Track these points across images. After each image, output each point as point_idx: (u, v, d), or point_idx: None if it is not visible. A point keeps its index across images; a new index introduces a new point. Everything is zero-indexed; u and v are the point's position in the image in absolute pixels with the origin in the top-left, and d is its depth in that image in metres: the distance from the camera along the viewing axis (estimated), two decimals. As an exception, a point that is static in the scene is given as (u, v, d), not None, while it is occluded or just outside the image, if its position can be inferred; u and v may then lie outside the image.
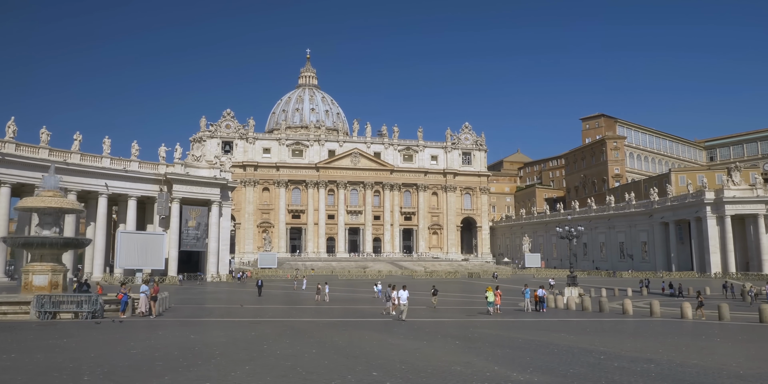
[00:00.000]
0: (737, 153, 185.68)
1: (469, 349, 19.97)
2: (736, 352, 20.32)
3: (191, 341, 21.92)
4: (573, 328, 30.37)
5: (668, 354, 19.06)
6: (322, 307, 47.59)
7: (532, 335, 25.13)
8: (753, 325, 35.83)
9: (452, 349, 20.20)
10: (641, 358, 17.71)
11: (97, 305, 32.15)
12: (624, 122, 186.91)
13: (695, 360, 17.59)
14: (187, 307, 43.96)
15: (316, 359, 17.13)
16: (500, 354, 18.79)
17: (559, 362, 16.86)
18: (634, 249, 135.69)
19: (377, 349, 19.91)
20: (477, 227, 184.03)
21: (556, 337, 24.60)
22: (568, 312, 48.16)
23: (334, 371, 15.02)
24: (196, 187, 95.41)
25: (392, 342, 22.19)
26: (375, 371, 14.95)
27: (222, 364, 16.18)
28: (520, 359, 17.54)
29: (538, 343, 21.92)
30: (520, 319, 37.68)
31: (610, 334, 27.31)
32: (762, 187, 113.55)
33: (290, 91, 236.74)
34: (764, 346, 22.78)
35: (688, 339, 25.44)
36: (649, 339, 24.98)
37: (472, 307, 49.13)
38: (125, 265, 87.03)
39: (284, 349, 19.63)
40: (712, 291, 75.26)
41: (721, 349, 21.37)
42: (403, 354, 18.51)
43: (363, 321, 34.99)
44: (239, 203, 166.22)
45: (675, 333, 28.94)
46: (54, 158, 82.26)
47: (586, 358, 17.74)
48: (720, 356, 19.00)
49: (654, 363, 16.78)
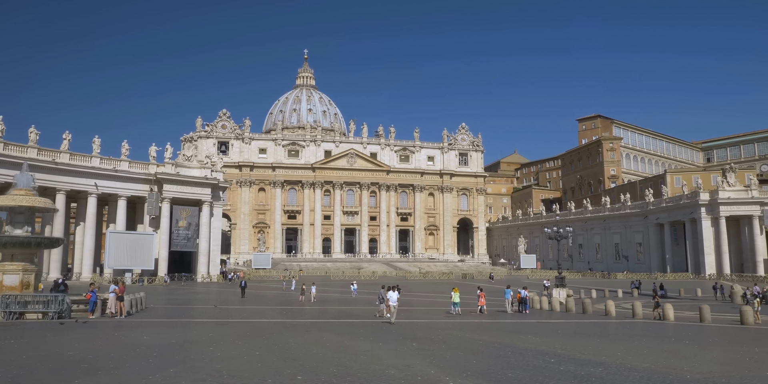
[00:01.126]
0: (734, 154, 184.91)
1: (421, 352, 19.54)
2: (698, 355, 19.83)
3: (140, 342, 21.53)
4: (544, 330, 29.91)
5: (625, 357, 18.60)
6: (304, 308, 47.15)
7: (495, 337, 24.69)
8: (733, 327, 35.37)
9: (404, 351, 19.77)
10: (593, 362, 17.25)
11: (63, 305, 31.74)
12: (620, 123, 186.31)
13: (648, 363, 17.11)
14: (165, 307, 43.55)
15: (251, 362, 16.73)
16: (448, 357, 18.35)
17: (504, 366, 16.42)
18: (630, 250, 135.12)
19: (325, 351, 19.49)
20: (473, 228, 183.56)
21: (521, 339, 24.16)
22: (551, 313, 47.67)
23: (259, 374, 14.64)
24: (187, 186, 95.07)
25: (348, 344, 21.78)
26: (301, 375, 14.54)
27: (149, 366, 15.82)
28: (465, 362, 17.10)
29: (495, 346, 21.47)
30: (495, 321, 37.22)
31: (579, 337, 26.84)
32: (757, 189, 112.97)
33: (288, 92, 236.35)
34: (731, 349, 22.26)
35: (658, 341, 24.95)
36: (616, 341, 24.51)
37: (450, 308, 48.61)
38: (114, 266, 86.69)
39: (228, 351, 19.23)
40: (703, 292, 74.80)
41: (684, 352, 20.88)
42: (348, 356, 18.10)
43: (336, 322, 34.54)
44: (235, 204, 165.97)
45: (648, 335, 28.47)
46: (43, 157, 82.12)
47: (534, 362, 17.29)
48: (678, 359, 18.51)
49: (603, 367, 16.32)
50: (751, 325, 36.13)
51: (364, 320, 35.82)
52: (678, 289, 77.08)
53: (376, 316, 37.04)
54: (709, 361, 18.38)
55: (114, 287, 34.78)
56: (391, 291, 35.82)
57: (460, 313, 41.27)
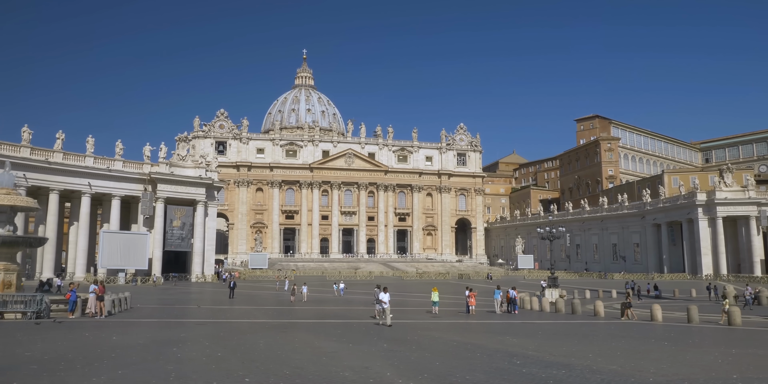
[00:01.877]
0: (733, 155, 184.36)
1: (388, 353, 19.25)
2: (671, 357, 19.48)
3: (106, 343, 21.28)
4: (525, 331, 29.61)
5: (595, 359, 18.28)
6: (292, 309, 46.89)
7: (472, 338, 24.39)
8: (720, 327, 35.07)
9: (371, 352, 19.47)
10: (559, 364, 16.93)
11: (42, 305, 31.50)
12: (619, 123, 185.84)
13: (616, 365, 16.79)
14: (151, 307, 43.30)
15: (207, 363, 16.49)
16: (413, 358, 18.04)
17: (466, 368, 16.11)
18: (627, 250, 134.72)
19: (290, 352, 19.20)
20: (472, 228, 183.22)
21: (497, 340, 23.87)
22: (540, 314, 47.38)
23: (208, 376, 14.37)
24: (181, 186, 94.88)
25: (317, 345, 21.50)
26: (251, 377, 14.26)
27: (100, 367, 15.56)
28: (428, 364, 16.81)
29: (467, 347, 21.16)
30: (481, 321, 36.92)
31: (558, 337, 26.52)
32: (754, 189, 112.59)
33: (286, 92, 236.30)
34: (708, 351, 21.91)
35: (636, 342, 24.62)
36: (594, 342, 24.18)
37: (440, 309, 48.32)
38: (108, 265, 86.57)
39: (191, 352, 18.97)
40: (698, 293, 74.52)
41: (658, 353, 20.54)
42: (311, 358, 17.80)
43: (318, 322, 34.23)
44: (233, 204, 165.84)
45: (630, 336, 28.15)
46: (36, 157, 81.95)
47: (499, 364, 16.98)
48: (649, 361, 18.17)
49: (568, 369, 16.00)
50: (738, 326, 35.78)
51: (348, 320, 35.53)
52: (673, 290, 76.94)
53: (375, 318, 35.48)
54: (680, 362, 18.05)
55: (94, 287, 34.50)
56: (382, 292, 34.44)
57: (437, 313, 41.20)
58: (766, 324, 36.98)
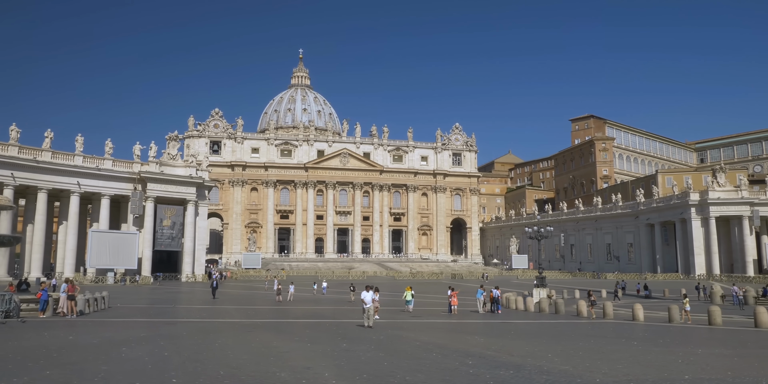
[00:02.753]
0: (727, 155, 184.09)
1: (341, 353, 18.89)
2: (632, 357, 19.08)
3: (58, 342, 20.86)
4: (497, 331, 29.31)
5: (552, 359, 17.93)
6: (273, 308, 46.59)
7: (438, 338, 24.04)
8: (699, 327, 34.79)
9: (323, 352, 19.10)
10: (512, 364, 16.58)
11: (11, 304, 31.13)
12: (613, 123, 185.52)
13: (569, 366, 16.44)
14: (129, 307, 42.96)
15: (147, 363, 16.11)
16: (363, 359, 17.67)
17: (411, 368, 15.72)
18: (621, 250, 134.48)
19: (241, 352, 18.81)
20: (467, 228, 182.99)
21: (463, 340, 23.53)
22: (524, 314, 47.13)
23: (136, 376, 14.00)
24: (172, 185, 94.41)
25: (274, 345, 21.12)
26: (179, 378, 13.90)
27: (34, 367, 15.16)
28: (375, 364, 16.44)
29: (428, 347, 20.80)
30: (459, 321, 36.60)
31: (527, 337, 26.20)
32: (747, 189, 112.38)
33: (282, 92, 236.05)
34: (675, 350, 21.54)
35: (604, 342, 24.31)
36: (562, 342, 23.80)
37: (423, 308, 48.09)
38: (96, 265, 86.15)
39: (139, 351, 18.62)
40: (688, 293, 74.08)
41: (621, 353, 20.20)
42: (257, 358, 17.41)
43: (291, 322, 33.91)
44: (227, 203, 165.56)
45: (602, 336, 27.87)
46: (24, 156, 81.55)
47: (450, 364, 16.61)
48: (606, 361, 17.81)
49: (518, 369, 15.65)
50: (718, 326, 35.49)
51: (325, 320, 35.21)
52: (663, 290, 76.75)
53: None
54: (638, 362, 17.69)
55: (65, 286, 34.14)
56: (365, 291, 31.64)
57: (410, 311, 41.49)
58: (746, 324, 36.60)
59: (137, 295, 60.46)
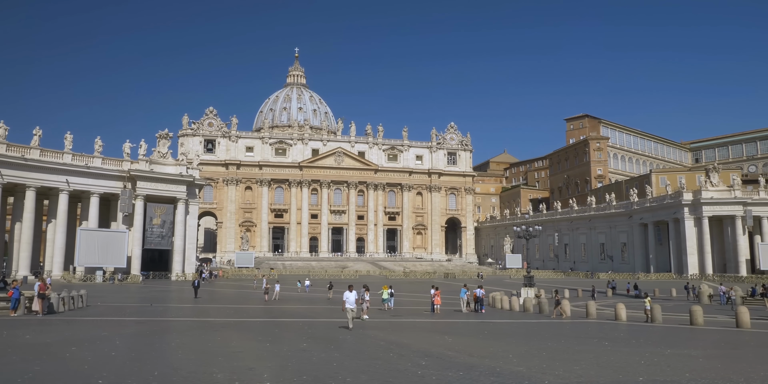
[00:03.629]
0: (722, 155, 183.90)
1: (295, 353, 18.42)
2: (596, 358, 18.62)
3: (8, 342, 20.42)
4: (471, 330, 28.95)
5: (511, 359, 17.51)
6: (253, 307, 46.29)
7: (405, 337, 23.59)
8: (679, 327, 34.50)
9: (278, 352, 18.67)
10: (466, 365, 16.13)
11: (-19, 303, 30.80)
12: (608, 123, 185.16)
13: (523, 367, 15.98)
14: (107, 305, 42.58)
15: (87, 363, 15.70)
16: (314, 359, 17.12)
17: (360, 369, 15.27)
18: (614, 250, 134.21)
19: (192, 352, 18.45)
20: (462, 228, 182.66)
21: (430, 340, 23.11)
22: (509, 313, 46.96)
23: (64, 378, 13.63)
24: (161, 184, 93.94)
25: (232, 344, 20.69)
26: (107, 379, 13.49)
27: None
28: (323, 365, 15.90)
29: (389, 347, 20.39)
30: (437, 320, 36.28)
31: (499, 337, 25.81)
32: (740, 189, 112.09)
33: (278, 90, 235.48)
34: (644, 351, 21.08)
35: (574, 342, 23.90)
36: (530, 342, 23.35)
37: (408, 307, 47.79)
38: (85, 263, 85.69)
39: (84, 352, 18.15)
40: (678, 293, 74.20)
41: (585, 354, 19.75)
42: (204, 358, 17.04)
43: (264, 321, 33.52)
44: (221, 202, 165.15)
45: (575, 336, 27.49)
46: (12, 153, 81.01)
47: (402, 365, 16.11)
48: (566, 362, 17.36)
49: (469, 370, 15.20)
50: (699, 326, 35.18)
51: (299, 319, 34.84)
52: (653, 289, 76.50)
53: (362, 319, 33.48)
54: (598, 363, 17.26)
55: (37, 284, 33.75)
56: (347, 291, 29.48)
57: (387, 309, 41.89)
58: (729, 324, 36.25)
59: (122, 293, 60.09)
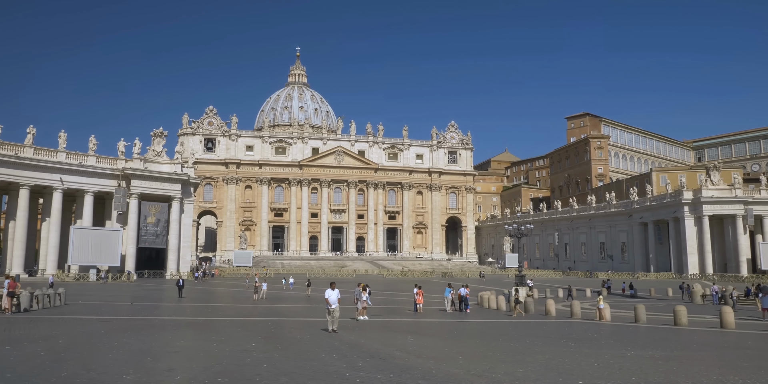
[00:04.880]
0: (725, 153, 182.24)
1: (234, 354, 17.68)
2: (547, 360, 17.78)
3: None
4: (438, 330, 28.39)
5: (457, 361, 16.70)
6: (233, 306, 45.88)
7: (364, 337, 22.80)
8: (661, 327, 33.80)
9: (218, 352, 18.06)
10: (404, 367, 15.29)
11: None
12: (609, 121, 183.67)
13: (462, 370, 14.95)
14: (85, 304, 42.25)
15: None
16: (248, 360, 16.25)
17: (283, 371, 14.38)
18: (614, 249, 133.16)
19: (126, 352, 17.86)
20: (462, 227, 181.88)
21: (388, 339, 22.44)
22: (492, 312, 46.46)
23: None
24: (156, 182, 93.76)
25: (177, 344, 20.15)
26: (6, 381, 13.00)
27: None
28: (252, 367, 15.06)
29: (340, 347, 19.66)
30: (413, 320, 35.71)
31: (461, 337, 25.11)
32: (741, 187, 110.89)
33: (279, 89, 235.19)
34: (603, 352, 20.27)
35: (538, 343, 23.16)
36: (491, 343, 22.52)
37: (393, 307, 47.26)
38: (78, 262, 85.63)
39: (13, 352, 17.57)
40: (674, 292, 73.33)
41: (540, 356, 18.90)
42: (131, 358, 16.48)
43: (234, 320, 33.02)
44: (221, 201, 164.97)
45: (545, 336, 26.87)
46: (5, 152, 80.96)
47: (336, 366, 15.32)
48: (513, 364, 16.60)
49: (401, 373, 14.24)
50: (683, 327, 34.48)
51: (270, 318, 34.38)
52: (649, 289, 75.77)
53: (355, 319, 32.63)
54: (548, 365, 16.51)
55: (6, 282, 33.39)
56: (329, 289, 26.78)
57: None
58: (715, 324, 35.48)
59: (110, 291, 59.74)
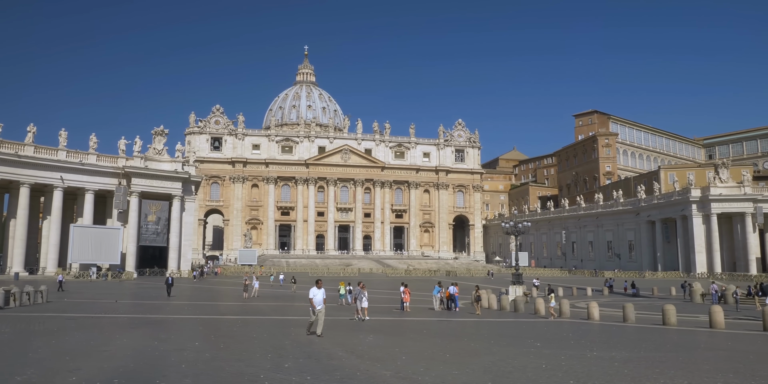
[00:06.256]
0: (737, 151, 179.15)
1: (162, 353, 16.99)
2: (497, 362, 16.89)
3: None
4: (405, 329, 27.61)
5: (393, 362, 15.80)
6: (217, 304, 45.49)
7: (326, 337, 22.18)
8: (646, 327, 32.82)
9: (152, 350, 17.52)
10: (328, 367, 14.36)
11: None
12: (617, 119, 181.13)
13: (390, 371, 13.85)
14: (69, 301, 42.04)
15: None
16: (172, 360, 15.52)
17: (193, 372, 13.74)
18: (622, 248, 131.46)
19: (50, 350, 17.31)
20: (470, 225, 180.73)
21: (347, 339, 21.54)
22: (488, 312, 45.47)
23: None
24: (156, 180, 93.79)
25: (111, 342, 19.56)
26: None
27: None
28: (173, 367, 14.56)
29: (282, 346, 19.00)
30: (392, 318, 35.01)
31: (423, 337, 24.05)
32: (750, 185, 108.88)
33: (288, 88, 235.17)
34: (562, 354, 19.19)
35: (502, 343, 22.28)
36: (452, 343, 21.53)
37: (382, 305, 46.51)
38: (79, 260, 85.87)
39: None
40: (677, 291, 71.89)
41: (491, 357, 17.87)
42: (43, 357, 15.96)
43: (205, 319, 32.54)
44: (228, 200, 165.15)
45: (518, 336, 26.02)
46: (6, 150, 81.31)
47: (253, 367, 14.49)
48: (451, 365, 15.53)
49: (318, 375, 13.21)
50: (672, 326, 33.43)
51: (247, 317, 33.85)
52: (652, 288, 74.49)
53: (356, 320, 31.61)
54: (487, 368, 15.26)
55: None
56: (315, 288, 24.01)
57: (343, 304, 42.96)
58: (705, 324, 34.36)
59: (104, 289, 59.61)
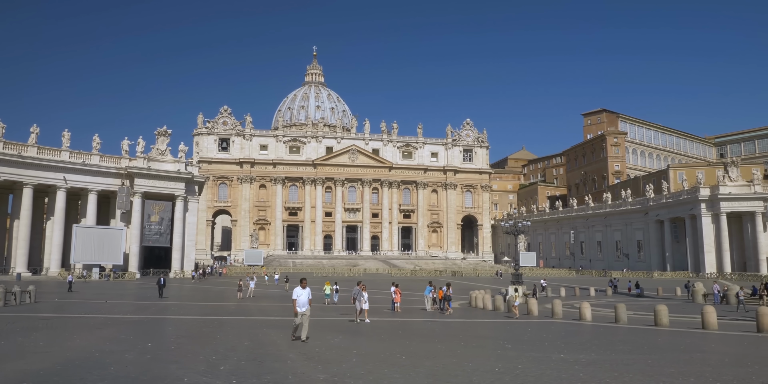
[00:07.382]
0: (748, 149, 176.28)
1: (105, 354, 16.48)
2: (445, 366, 16.09)
3: None
4: (380, 330, 26.83)
5: (339, 365, 15.34)
6: (207, 304, 45.17)
7: (283, 338, 21.65)
8: (638, 328, 32.03)
9: (94, 351, 17.05)
10: (263, 370, 13.97)
11: None
12: (626, 117, 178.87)
13: (326, 374, 13.45)
14: (57, 302, 42.03)
15: None
16: (108, 360, 15.21)
17: (111, 376, 13.54)
18: (630, 248, 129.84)
19: (30, 353, 17.13)
20: (478, 225, 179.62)
21: (312, 340, 21.21)
22: (480, 312, 44.96)
23: None
24: (159, 181, 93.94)
25: (64, 343, 19.22)
26: None
27: None
28: (103, 368, 14.25)
29: (236, 348, 18.43)
30: (378, 319, 34.35)
31: (392, 338, 23.42)
32: (760, 184, 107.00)
33: (296, 89, 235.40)
34: (524, 356, 18.51)
35: (473, 345, 21.49)
36: (418, 344, 20.80)
37: (374, 305, 45.94)
38: (81, 260, 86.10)
39: None
40: (683, 291, 70.74)
41: (447, 359, 17.11)
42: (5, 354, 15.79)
43: (186, 319, 32.18)
44: (236, 200, 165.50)
45: (495, 337, 25.33)
46: (9, 151, 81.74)
47: (186, 369, 14.12)
48: (403, 368, 14.67)
49: (248, 378, 13.08)
50: (664, 327, 32.56)
51: (225, 317, 33.45)
52: (656, 288, 73.33)
53: (357, 322, 30.86)
54: (434, 373, 14.40)
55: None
56: (299, 287, 21.82)
57: (333, 302, 43.72)
58: (698, 324, 33.44)
59: (101, 290, 59.60)
